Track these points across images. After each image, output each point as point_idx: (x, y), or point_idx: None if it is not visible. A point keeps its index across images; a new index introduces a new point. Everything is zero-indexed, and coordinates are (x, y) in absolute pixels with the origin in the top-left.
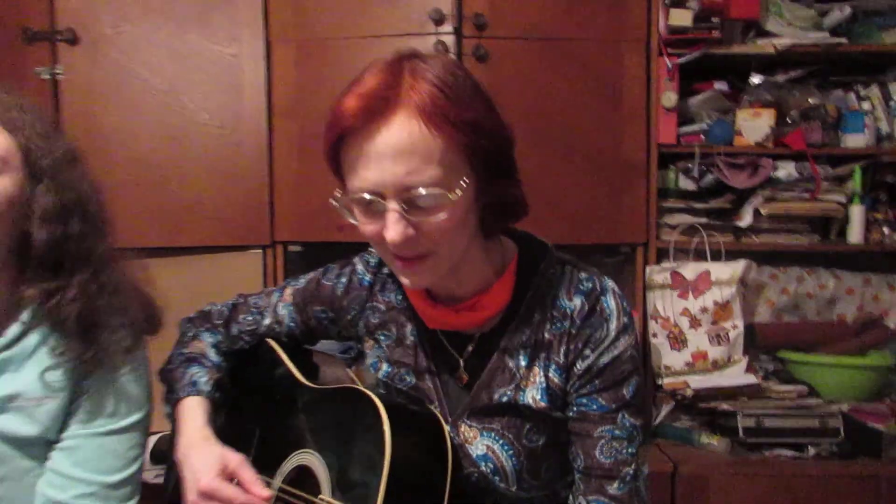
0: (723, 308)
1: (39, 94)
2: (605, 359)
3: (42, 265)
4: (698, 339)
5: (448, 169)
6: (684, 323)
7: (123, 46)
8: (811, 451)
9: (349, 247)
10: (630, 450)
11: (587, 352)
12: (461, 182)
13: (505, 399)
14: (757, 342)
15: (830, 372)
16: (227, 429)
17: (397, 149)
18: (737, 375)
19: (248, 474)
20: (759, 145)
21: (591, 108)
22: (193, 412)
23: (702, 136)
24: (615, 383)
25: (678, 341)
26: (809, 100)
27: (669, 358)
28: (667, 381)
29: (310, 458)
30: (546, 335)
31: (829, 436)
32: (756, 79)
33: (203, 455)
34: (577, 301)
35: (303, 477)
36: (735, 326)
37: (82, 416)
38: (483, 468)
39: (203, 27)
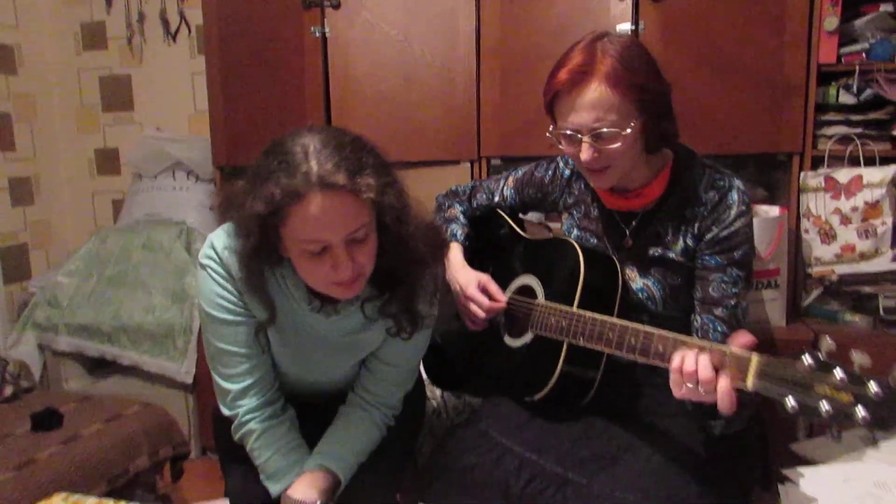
0: (872, 207)
1: (314, 49)
2: (725, 233)
3: (376, 278)
4: (847, 234)
5: (622, 115)
6: (835, 220)
7: (371, 7)
8: None
9: (535, 159)
10: (733, 290)
11: (714, 227)
12: (630, 123)
13: (657, 254)
14: None
15: None
16: (475, 262)
17: (589, 104)
18: (882, 264)
19: (493, 287)
20: None
21: (754, 36)
22: (455, 252)
23: (863, 55)
24: (729, 249)
25: (828, 236)
26: None
27: (819, 250)
28: (816, 270)
29: (528, 279)
30: (687, 215)
31: None
32: None
33: (464, 275)
34: (711, 194)
35: (525, 291)
36: (884, 223)
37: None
38: (641, 296)
39: None
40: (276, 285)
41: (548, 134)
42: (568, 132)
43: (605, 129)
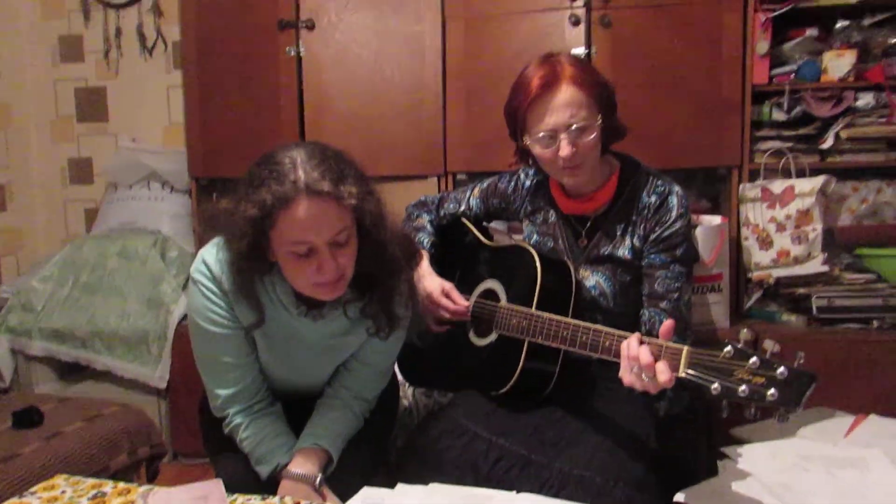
0: (804, 214)
1: (289, 67)
2: (666, 233)
3: (357, 281)
4: (783, 241)
5: (590, 110)
6: (771, 228)
7: (344, 30)
8: (875, 324)
9: (498, 173)
10: (676, 285)
11: (657, 228)
12: (598, 116)
13: (607, 253)
14: (836, 242)
15: None
16: (441, 269)
17: (564, 103)
18: (814, 267)
19: (455, 294)
20: (842, 80)
21: (694, 59)
22: (422, 259)
23: (792, 76)
24: (671, 247)
25: (766, 243)
26: (890, 39)
27: (758, 256)
28: (755, 274)
29: (492, 284)
30: (633, 217)
31: (890, 311)
32: (841, 24)
33: (430, 281)
34: (654, 198)
35: (489, 294)
36: (815, 229)
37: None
38: (593, 293)
39: (397, 12)
40: (266, 293)
41: (527, 142)
42: (543, 135)
43: (580, 123)
